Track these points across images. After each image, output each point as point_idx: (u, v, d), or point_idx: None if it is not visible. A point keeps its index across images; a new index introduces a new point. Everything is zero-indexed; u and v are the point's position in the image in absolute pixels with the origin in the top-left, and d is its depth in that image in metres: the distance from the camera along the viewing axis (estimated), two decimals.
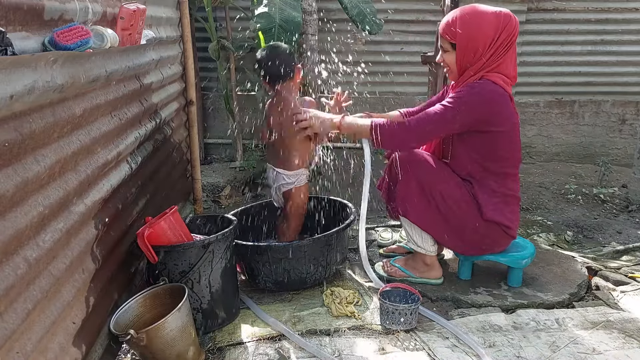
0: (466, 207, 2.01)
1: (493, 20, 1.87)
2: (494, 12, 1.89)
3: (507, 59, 1.91)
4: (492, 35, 1.87)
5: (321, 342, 1.82)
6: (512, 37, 1.90)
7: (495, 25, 1.87)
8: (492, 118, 1.91)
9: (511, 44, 1.90)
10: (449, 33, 1.93)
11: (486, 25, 1.87)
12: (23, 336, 1.14)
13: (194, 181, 2.94)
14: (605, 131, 4.54)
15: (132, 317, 1.72)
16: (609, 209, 3.34)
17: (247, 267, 2.21)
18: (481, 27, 1.87)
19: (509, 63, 1.93)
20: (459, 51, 1.92)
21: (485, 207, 1.99)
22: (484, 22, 1.87)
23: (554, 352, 1.75)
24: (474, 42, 1.88)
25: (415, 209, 2.06)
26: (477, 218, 2.00)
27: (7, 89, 1.03)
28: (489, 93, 1.88)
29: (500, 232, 2.03)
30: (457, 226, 2.04)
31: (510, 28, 1.88)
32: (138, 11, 1.81)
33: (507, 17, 1.89)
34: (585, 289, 2.21)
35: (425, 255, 2.18)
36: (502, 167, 2.00)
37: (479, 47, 1.89)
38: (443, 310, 2.06)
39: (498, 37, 1.87)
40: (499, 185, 2.00)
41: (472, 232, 2.03)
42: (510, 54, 1.92)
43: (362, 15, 3.61)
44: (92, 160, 1.57)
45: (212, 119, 4.67)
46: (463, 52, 1.91)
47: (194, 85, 2.90)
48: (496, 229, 2.02)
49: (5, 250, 1.08)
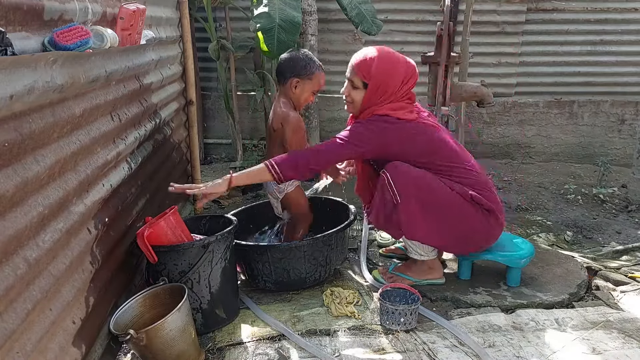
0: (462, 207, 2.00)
1: (404, 67, 1.99)
2: (405, 59, 2.01)
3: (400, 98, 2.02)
4: (401, 81, 1.98)
5: (321, 342, 1.83)
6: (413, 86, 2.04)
7: (404, 73, 1.99)
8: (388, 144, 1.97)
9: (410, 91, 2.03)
10: (364, 72, 1.99)
11: (399, 72, 1.98)
12: (23, 336, 1.14)
13: (194, 181, 2.94)
14: (604, 131, 4.55)
15: (132, 317, 1.72)
16: (608, 209, 3.34)
17: (247, 267, 2.21)
18: (395, 75, 1.97)
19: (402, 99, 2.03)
20: (370, 91, 1.99)
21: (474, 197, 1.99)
22: (397, 70, 1.98)
23: (553, 352, 1.75)
24: (385, 88, 1.97)
25: (422, 228, 2.02)
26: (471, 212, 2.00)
27: (7, 89, 1.03)
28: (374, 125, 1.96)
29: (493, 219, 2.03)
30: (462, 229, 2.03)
31: (413, 79, 2.02)
32: (138, 11, 1.81)
33: (413, 67, 2.02)
34: (585, 289, 2.21)
35: (427, 260, 2.18)
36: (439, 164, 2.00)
37: (388, 90, 1.98)
38: (443, 310, 2.06)
39: (405, 84, 1.99)
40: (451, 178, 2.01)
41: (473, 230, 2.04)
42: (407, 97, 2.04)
43: (361, 16, 3.61)
44: (92, 160, 1.57)
45: (212, 119, 4.67)
46: (373, 92, 1.99)
47: (193, 85, 2.90)
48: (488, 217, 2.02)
49: (5, 250, 1.08)
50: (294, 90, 2.20)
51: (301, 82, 2.18)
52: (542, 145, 4.58)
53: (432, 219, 2.00)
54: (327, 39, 4.43)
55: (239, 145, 4.29)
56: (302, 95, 2.22)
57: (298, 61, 2.18)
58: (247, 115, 4.57)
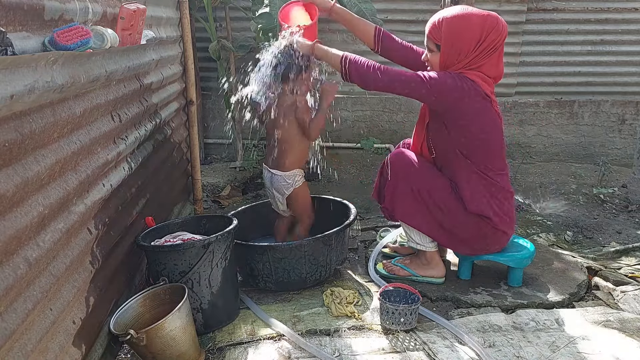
0: (453, 204, 2.03)
1: (479, 23, 1.88)
2: (481, 14, 1.90)
3: (491, 60, 1.94)
4: (477, 38, 1.88)
5: (321, 342, 1.83)
6: (499, 40, 1.91)
7: (480, 29, 1.88)
8: (458, 106, 1.92)
9: (496, 48, 1.92)
10: (434, 34, 1.94)
11: (472, 28, 1.88)
12: (23, 336, 1.14)
13: (194, 181, 2.94)
14: (604, 131, 4.54)
15: (132, 317, 1.72)
16: (608, 209, 3.34)
17: (247, 267, 2.20)
18: (467, 30, 1.88)
19: (492, 64, 1.95)
20: (443, 53, 1.94)
21: (468, 201, 2.00)
22: (470, 25, 1.89)
23: (553, 352, 1.75)
24: (459, 45, 1.90)
25: (406, 209, 2.11)
26: (463, 213, 2.02)
27: (8, 89, 1.03)
28: (461, 83, 1.90)
29: (488, 227, 2.02)
30: (446, 223, 2.06)
31: (497, 32, 1.89)
32: (138, 11, 1.81)
33: (494, 21, 1.90)
34: (585, 289, 2.21)
35: (426, 251, 2.19)
36: (484, 160, 2.00)
37: (463, 49, 1.90)
38: (443, 310, 2.06)
39: (484, 40, 1.89)
40: (482, 179, 2.01)
41: (460, 229, 2.05)
42: (495, 56, 1.94)
43: (361, 15, 3.60)
44: (92, 160, 1.57)
45: (212, 119, 4.67)
46: (447, 54, 1.93)
47: (194, 85, 2.90)
48: (482, 223, 2.02)
49: (5, 250, 1.08)
50: (305, 82, 2.23)
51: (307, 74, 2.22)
52: (542, 145, 4.58)
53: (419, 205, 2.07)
54: (327, 38, 4.42)
55: (239, 145, 4.29)
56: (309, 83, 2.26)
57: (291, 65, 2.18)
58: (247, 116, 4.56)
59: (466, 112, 1.93)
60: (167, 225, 2.06)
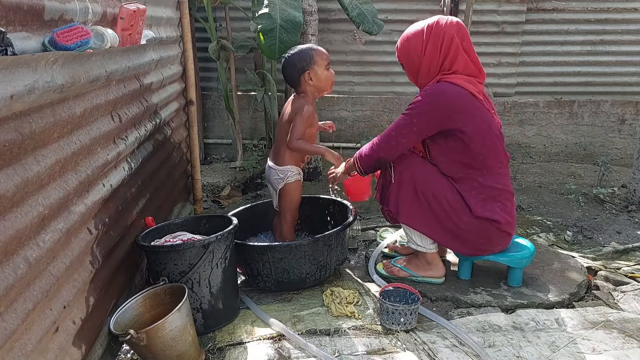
0: (457, 207, 2.02)
1: (419, 32, 2.00)
2: (423, 25, 2.01)
3: (458, 61, 1.97)
4: (419, 47, 2.00)
5: (321, 342, 1.83)
6: (445, 41, 1.96)
7: (420, 37, 2.00)
8: (452, 116, 1.95)
9: (450, 48, 1.96)
10: (398, 56, 2.12)
11: (413, 39, 2.01)
12: (23, 336, 1.14)
13: (194, 181, 2.94)
14: (604, 131, 4.54)
15: (132, 317, 1.72)
16: (608, 209, 3.34)
17: (247, 267, 2.21)
18: (410, 42, 2.03)
19: (461, 64, 1.98)
20: (406, 69, 2.12)
21: (474, 205, 2.00)
22: (412, 37, 2.02)
23: (553, 352, 1.75)
24: (410, 58, 2.05)
25: (408, 210, 2.10)
26: (469, 217, 2.01)
27: (7, 89, 1.03)
28: (441, 95, 1.95)
29: (494, 229, 2.02)
30: (450, 226, 2.05)
31: (437, 34, 1.96)
32: (138, 11, 1.81)
33: (431, 26, 1.98)
34: (585, 289, 2.21)
35: (426, 253, 2.19)
36: (483, 162, 2.00)
37: (414, 60, 2.03)
38: (443, 310, 2.06)
39: (426, 47, 1.98)
40: (485, 181, 2.01)
41: (465, 232, 2.04)
42: (460, 56, 1.97)
43: (362, 16, 3.61)
44: (92, 160, 1.57)
45: (212, 119, 4.68)
46: (409, 69, 2.10)
47: (194, 85, 2.90)
48: (489, 226, 2.02)
49: (5, 250, 1.08)
50: (310, 82, 2.24)
51: (311, 71, 2.22)
52: (542, 145, 4.58)
53: (423, 207, 2.07)
54: (327, 39, 4.44)
55: (239, 145, 4.29)
56: (321, 79, 2.25)
57: (296, 60, 2.23)
58: (248, 116, 4.57)
59: (462, 116, 1.94)
60: (167, 225, 2.06)
